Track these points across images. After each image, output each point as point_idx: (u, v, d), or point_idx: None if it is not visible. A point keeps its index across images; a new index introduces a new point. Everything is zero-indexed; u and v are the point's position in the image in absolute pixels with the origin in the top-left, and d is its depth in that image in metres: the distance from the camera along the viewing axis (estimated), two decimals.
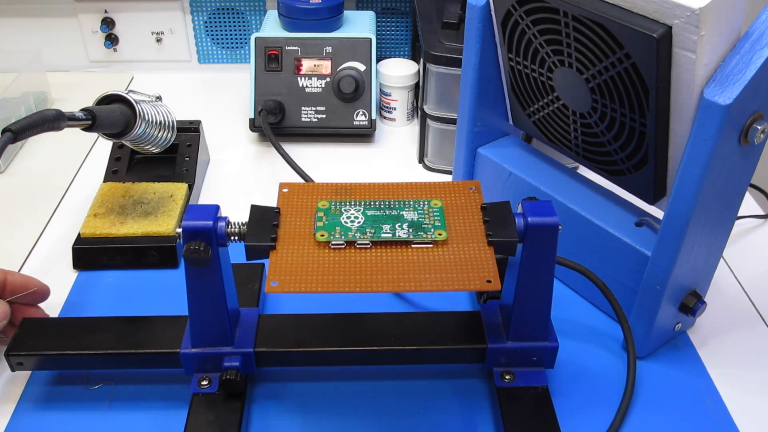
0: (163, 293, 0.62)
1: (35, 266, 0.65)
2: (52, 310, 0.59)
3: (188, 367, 0.50)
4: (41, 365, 0.52)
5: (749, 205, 0.75)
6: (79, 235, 0.64)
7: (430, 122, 0.78)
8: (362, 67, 0.82)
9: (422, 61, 0.76)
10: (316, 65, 0.82)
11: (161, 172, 0.72)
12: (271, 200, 0.54)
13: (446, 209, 0.47)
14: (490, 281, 0.42)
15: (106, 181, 0.70)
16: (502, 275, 0.49)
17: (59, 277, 0.63)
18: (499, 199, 0.51)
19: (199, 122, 0.76)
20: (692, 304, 0.54)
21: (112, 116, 0.58)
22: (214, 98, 0.94)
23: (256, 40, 0.82)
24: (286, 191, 0.49)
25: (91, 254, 0.64)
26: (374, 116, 0.83)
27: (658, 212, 0.55)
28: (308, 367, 0.54)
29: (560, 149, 0.60)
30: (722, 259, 0.67)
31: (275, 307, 0.60)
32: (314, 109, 0.83)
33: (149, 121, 0.63)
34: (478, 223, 0.46)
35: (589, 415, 0.52)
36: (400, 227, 0.45)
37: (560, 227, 0.45)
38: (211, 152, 0.82)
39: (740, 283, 0.65)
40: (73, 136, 0.69)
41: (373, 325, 0.53)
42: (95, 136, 0.84)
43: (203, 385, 0.50)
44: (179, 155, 0.73)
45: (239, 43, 0.99)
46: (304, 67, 0.82)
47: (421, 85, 0.80)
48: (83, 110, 0.56)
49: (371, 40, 0.83)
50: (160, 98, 0.68)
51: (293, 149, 0.81)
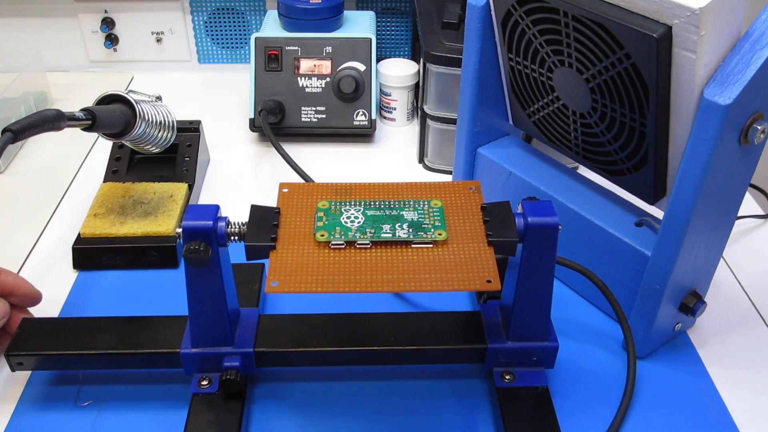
0: (163, 293, 0.62)
1: (35, 266, 0.65)
2: (52, 310, 0.59)
3: (188, 367, 0.50)
4: (41, 365, 0.52)
5: (749, 205, 0.75)
6: (79, 235, 0.64)
7: (430, 122, 0.78)
8: (362, 67, 0.82)
9: (422, 61, 0.76)
10: (316, 65, 0.82)
11: (161, 172, 0.71)
12: (271, 200, 0.54)
13: (446, 209, 0.47)
14: (490, 281, 0.42)
15: (106, 181, 0.70)
16: (502, 275, 0.49)
17: (59, 277, 0.63)
18: (499, 199, 0.51)
19: (199, 122, 0.76)
20: (692, 304, 0.54)
21: (112, 116, 0.58)
22: (214, 98, 0.94)
23: (256, 40, 0.82)
24: (286, 191, 0.49)
25: (91, 254, 0.64)
26: (374, 116, 0.83)
27: (658, 212, 0.55)
28: (308, 367, 0.54)
29: (560, 149, 0.60)
30: (722, 259, 0.67)
31: (275, 307, 0.60)
32: (314, 109, 0.83)
33: (149, 121, 0.63)
34: (478, 223, 0.46)
35: (589, 415, 0.52)
36: (400, 227, 0.45)
37: (560, 227, 0.45)
38: (211, 152, 0.82)
39: (740, 283, 0.65)
40: (73, 136, 0.69)
41: (373, 325, 0.53)
42: (95, 136, 0.84)
43: (203, 385, 0.50)
44: (179, 155, 0.73)
45: (239, 43, 0.99)
46: (304, 67, 0.82)
47: (421, 85, 0.80)
48: (83, 110, 0.56)
49: (371, 40, 0.83)
50: (160, 98, 0.68)
51: (293, 149, 0.81)
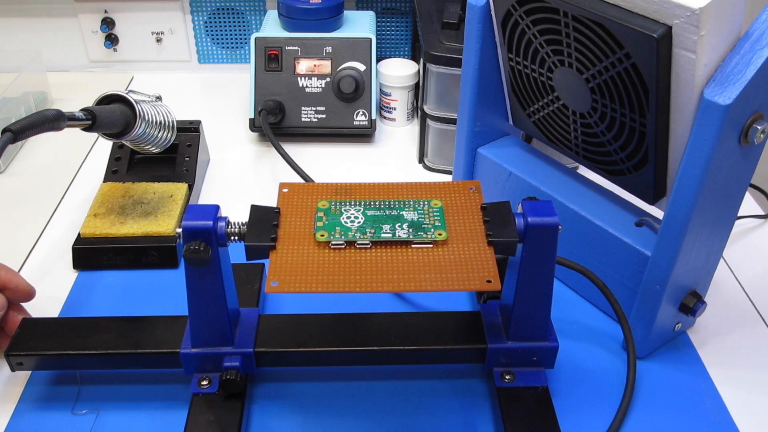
0: (163, 293, 0.62)
1: (35, 266, 0.65)
2: (52, 310, 0.59)
3: (188, 367, 0.50)
4: (41, 365, 0.52)
5: (749, 205, 0.75)
6: (79, 235, 0.64)
7: (430, 122, 0.78)
8: (362, 67, 0.82)
9: (422, 61, 0.76)
10: (316, 65, 0.82)
11: (161, 172, 0.71)
12: (271, 200, 0.54)
13: (446, 209, 0.47)
14: (490, 281, 0.42)
15: (106, 181, 0.70)
16: (502, 275, 0.49)
17: (59, 277, 0.63)
18: (499, 199, 0.51)
19: (199, 122, 0.76)
20: (692, 304, 0.54)
21: (112, 116, 0.58)
22: (214, 98, 0.94)
23: (256, 40, 0.82)
24: (286, 191, 0.49)
25: (91, 254, 0.64)
26: (374, 116, 0.83)
27: (658, 212, 0.55)
28: (308, 367, 0.54)
29: (560, 149, 0.60)
30: (722, 259, 0.67)
31: (275, 307, 0.60)
32: (314, 109, 0.83)
33: (149, 121, 0.63)
34: (478, 223, 0.46)
35: (589, 415, 0.52)
36: (400, 227, 0.45)
37: (560, 227, 0.45)
38: (211, 152, 0.82)
39: (740, 283, 0.65)
40: (73, 136, 0.69)
41: (373, 325, 0.53)
42: (95, 136, 0.84)
43: (203, 385, 0.50)
44: (179, 155, 0.73)
45: (239, 43, 0.99)
46: (303, 67, 0.82)
47: (421, 85, 0.80)
48: (83, 110, 0.56)
49: (371, 40, 0.83)
50: (160, 98, 0.68)
51: (293, 149, 0.81)
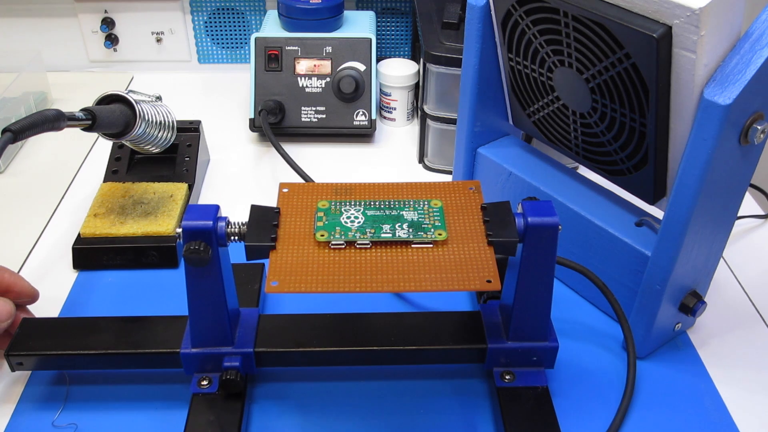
0: (163, 293, 0.62)
1: (35, 266, 0.65)
2: (52, 310, 0.59)
3: (188, 367, 0.50)
4: (41, 365, 0.52)
5: (749, 205, 0.75)
6: (79, 235, 0.64)
7: (430, 122, 0.78)
8: (362, 67, 0.82)
9: (422, 61, 0.76)
10: (316, 65, 0.82)
11: (161, 172, 0.71)
12: (271, 200, 0.54)
13: (446, 209, 0.47)
14: (490, 281, 0.42)
15: (106, 181, 0.70)
16: (502, 275, 0.49)
17: (59, 277, 0.63)
18: (499, 199, 0.51)
19: (199, 122, 0.76)
20: (692, 304, 0.54)
21: (112, 116, 0.58)
22: (214, 98, 0.94)
23: (256, 40, 0.82)
24: (286, 191, 0.49)
25: (91, 254, 0.64)
26: (374, 116, 0.83)
27: (658, 212, 0.55)
28: (308, 367, 0.54)
29: (560, 149, 0.60)
30: (722, 259, 0.67)
31: (275, 307, 0.60)
32: (314, 109, 0.83)
33: (149, 121, 0.63)
34: (478, 223, 0.46)
35: (589, 415, 0.52)
36: (400, 227, 0.45)
37: (560, 227, 0.45)
38: (211, 152, 0.82)
39: (740, 283, 0.65)
40: (73, 136, 0.69)
41: (373, 325, 0.53)
42: (95, 136, 0.84)
43: (203, 385, 0.50)
44: (179, 155, 0.73)
45: (239, 43, 0.99)
46: (303, 67, 0.82)
47: (421, 85, 0.80)
48: (83, 110, 0.56)
49: (371, 40, 0.83)
50: (160, 98, 0.68)
51: (293, 149, 0.81)
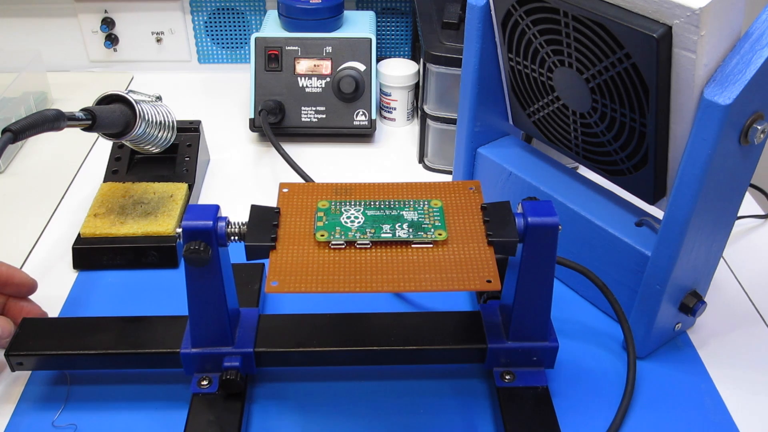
0: (163, 293, 0.62)
1: (35, 266, 0.65)
2: (52, 310, 0.59)
3: (188, 367, 0.50)
4: (41, 365, 0.52)
5: (749, 205, 0.75)
6: (79, 235, 0.64)
7: (430, 122, 0.78)
8: (362, 67, 0.82)
9: (422, 61, 0.76)
10: (316, 65, 0.82)
11: (161, 172, 0.71)
12: (271, 200, 0.54)
13: (446, 209, 0.47)
14: (490, 281, 0.42)
15: (106, 181, 0.70)
16: (502, 275, 0.49)
17: (59, 277, 0.63)
18: (499, 199, 0.51)
19: (199, 122, 0.76)
20: (692, 304, 0.54)
21: (112, 116, 0.58)
22: (214, 98, 0.94)
23: (256, 40, 0.82)
24: (286, 191, 0.49)
25: (91, 254, 0.64)
26: (374, 116, 0.83)
27: (658, 212, 0.55)
28: (308, 367, 0.54)
29: (560, 149, 0.60)
30: (722, 259, 0.67)
31: (275, 307, 0.60)
32: (314, 109, 0.83)
33: (149, 121, 0.63)
34: (478, 223, 0.46)
35: (589, 415, 0.52)
36: (400, 227, 0.45)
37: (560, 227, 0.45)
38: (211, 152, 0.82)
39: (740, 283, 0.65)
40: (73, 136, 0.69)
41: (373, 325, 0.53)
42: (95, 136, 0.84)
43: (203, 385, 0.50)
44: (179, 155, 0.73)
45: (239, 43, 0.99)
46: (303, 67, 0.82)
47: (421, 85, 0.80)
48: (83, 110, 0.56)
49: (371, 40, 0.83)
50: (160, 98, 0.68)
51: (293, 149, 0.81)
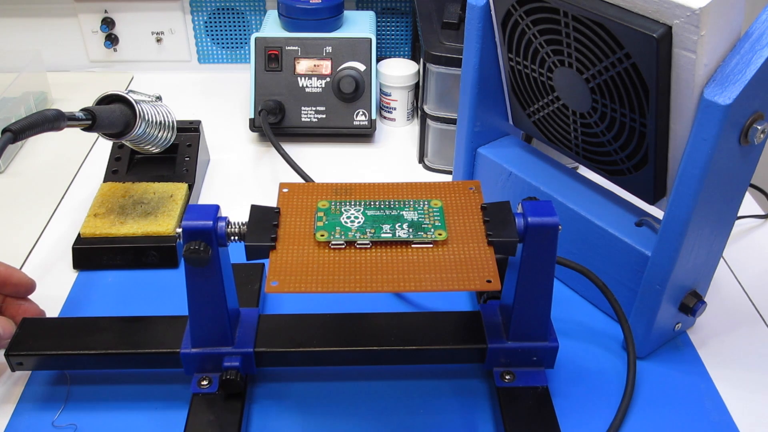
0: (163, 293, 0.62)
1: (35, 266, 0.65)
2: (52, 310, 0.59)
3: (188, 367, 0.50)
4: (41, 365, 0.52)
5: (749, 205, 0.75)
6: (79, 235, 0.64)
7: (430, 122, 0.78)
8: (362, 67, 0.82)
9: (422, 61, 0.76)
10: (316, 65, 0.82)
11: (161, 172, 0.72)
12: (271, 200, 0.54)
13: (446, 209, 0.47)
14: (490, 281, 0.42)
15: (106, 181, 0.70)
16: (502, 275, 0.49)
17: (59, 277, 0.63)
18: (499, 199, 0.51)
19: (199, 122, 0.76)
20: (692, 304, 0.54)
21: (112, 116, 0.58)
22: (214, 98, 0.94)
23: (256, 40, 0.82)
24: (286, 191, 0.49)
25: (91, 254, 0.64)
26: (374, 116, 0.83)
27: (658, 212, 0.55)
28: (308, 367, 0.54)
29: (560, 149, 0.60)
30: (722, 259, 0.67)
31: (275, 307, 0.60)
32: (314, 109, 0.83)
33: (149, 121, 0.63)
34: (478, 223, 0.46)
35: (589, 415, 0.52)
36: (400, 227, 0.45)
37: (560, 227, 0.45)
38: (211, 152, 0.82)
39: (740, 283, 0.65)
40: (73, 136, 0.69)
41: (373, 325, 0.53)
42: (95, 136, 0.84)
43: (203, 385, 0.50)
44: (179, 155, 0.73)
45: (239, 43, 0.99)
46: (303, 67, 0.82)
47: (421, 85, 0.80)
48: (83, 110, 0.56)
49: (371, 40, 0.83)
50: (160, 98, 0.68)
51: (293, 149, 0.81)
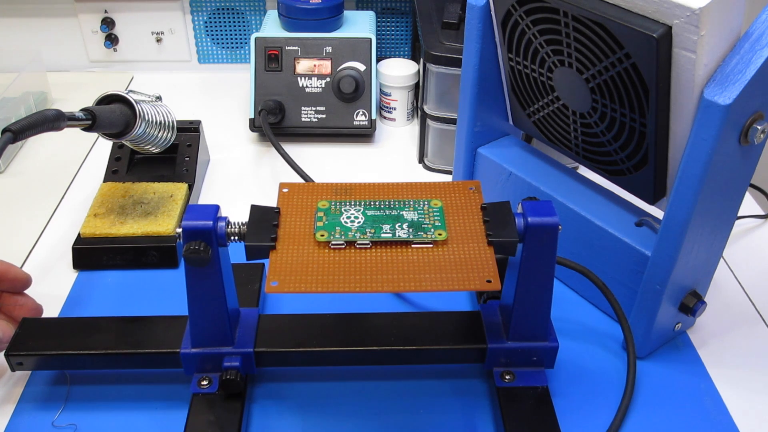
0: (163, 293, 0.62)
1: (35, 266, 0.65)
2: (52, 310, 0.59)
3: (188, 367, 0.50)
4: (41, 365, 0.52)
5: (749, 205, 0.75)
6: (79, 235, 0.64)
7: (430, 122, 0.78)
8: (362, 67, 0.82)
9: (422, 61, 0.76)
10: (316, 65, 0.82)
11: (161, 172, 0.72)
12: (271, 200, 0.54)
13: (446, 209, 0.47)
14: (490, 281, 0.42)
15: (106, 181, 0.70)
16: (502, 275, 0.49)
17: (59, 277, 0.63)
18: (499, 199, 0.51)
19: (199, 122, 0.76)
20: (692, 304, 0.54)
21: (112, 116, 0.58)
22: (214, 98, 0.94)
23: (256, 40, 0.82)
24: (286, 191, 0.49)
25: (91, 254, 0.64)
26: (374, 116, 0.83)
27: (658, 212, 0.55)
28: (308, 367, 0.54)
29: (560, 149, 0.60)
30: (722, 259, 0.67)
31: (275, 307, 0.60)
32: (314, 109, 0.83)
33: (149, 121, 0.63)
34: (478, 223, 0.46)
35: (589, 415, 0.52)
36: (400, 227, 0.45)
37: (560, 227, 0.45)
38: (211, 152, 0.82)
39: (740, 283, 0.65)
40: (73, 136, 0.69)
41: (373, 325, 0.53)
42: (95, 136, 0.84)
43: (203, 385, 0.50)
44: (179, 155, 0.73)
45: (239, 43, 0.99)
46: (303, 67, 0.82)
47: (421, 85, 0.80)
48: (83, 110, 0.56)
49: (371, 40, 0.83)
50: (160, 98, 0.68)
51: (293, 149, 0.81)
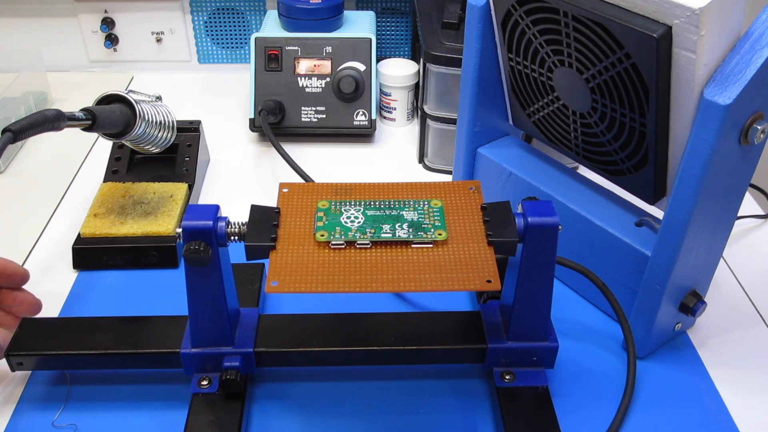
0: (163, 293, 0.62)
1: (35, 266, 0.65)
2: (52, 310, 0.59)
3: (188, 367, 0.50)
4: (41, 365, 0.52)
5: (749, 205, 0.75)
6: (79, 235, 0.64)
7: (430, 122, 0.78)
8: (362, 67, 0.82)
9: (422, 61, 0.76)
10: (316, 65, 0.82)
11: (161, 172, 0.72)
12: (271, 200, 0.54)
13: (446, 209, 0.47)
14: (490, 281, 0.42)
15: (106, 181, 0.70)
16: (502, 275, 0.49)
17: (59, 276, 0.63)
18: (499, 199, 0.51)
19: (199, 122, 0.76)
20: (692, 304, 0.54)
21: (112, 116, 0.58)
22: (214, 98, 0.94)
23: (256, 40, 0.82)
24: (286, 191, 0.49)
25: (91, 254, 0.64)
26: (374, 116, 0.83)
27: (658, 212, 0.55)
28: (308, 367, 0.54)
29: (560, 149, 0.60)
30: (722, 259, 0.67)
31: (275, 307, 0.60)
32: (314, 109, 0.83)
33: (149, 121, 0.63)
34: (478, 223, 0.46)
35: (589, 415, 0.52)
36: (400, 227, 0.45)
37: (560, 227, 0.45)
38: (211, 152, 0.82)
39: (740, 283, 0.65)
40: (73, 136, 0.69)
41: (373, 325, 0.53)
42: (95, 136, 0.84)
43: (203, 385, 0.50)
44: (179, 155, 0.73)
45: (239, 43, 0.99)
46: (303, 67, 0.82)
47: (421, 85, 0.80)
48: (83, 110, 0.56)
49: (371, 40, 0.83)
50: (160, 98, 0.68)
51: (293, 149, 0.81)
